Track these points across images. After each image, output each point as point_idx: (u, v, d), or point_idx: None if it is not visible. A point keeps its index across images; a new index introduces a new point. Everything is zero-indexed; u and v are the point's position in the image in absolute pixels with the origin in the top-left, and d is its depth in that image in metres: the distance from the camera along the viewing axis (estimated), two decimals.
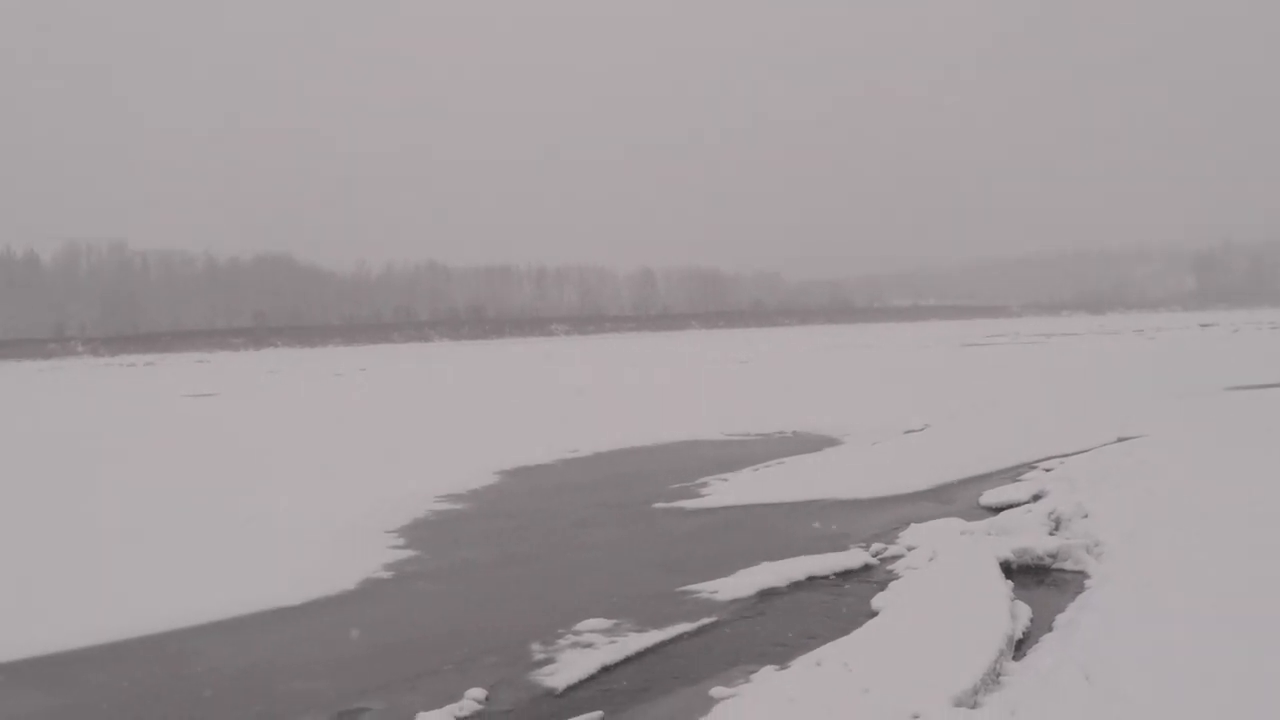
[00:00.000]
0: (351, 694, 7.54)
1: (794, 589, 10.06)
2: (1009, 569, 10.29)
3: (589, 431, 23.40)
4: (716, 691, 7.24)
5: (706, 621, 9.01)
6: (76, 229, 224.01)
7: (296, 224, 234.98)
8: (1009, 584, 9.51)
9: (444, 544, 12.57)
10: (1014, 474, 16.32)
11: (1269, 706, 6.13)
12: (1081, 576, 10.08)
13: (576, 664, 7.93)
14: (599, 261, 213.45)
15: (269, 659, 8.55)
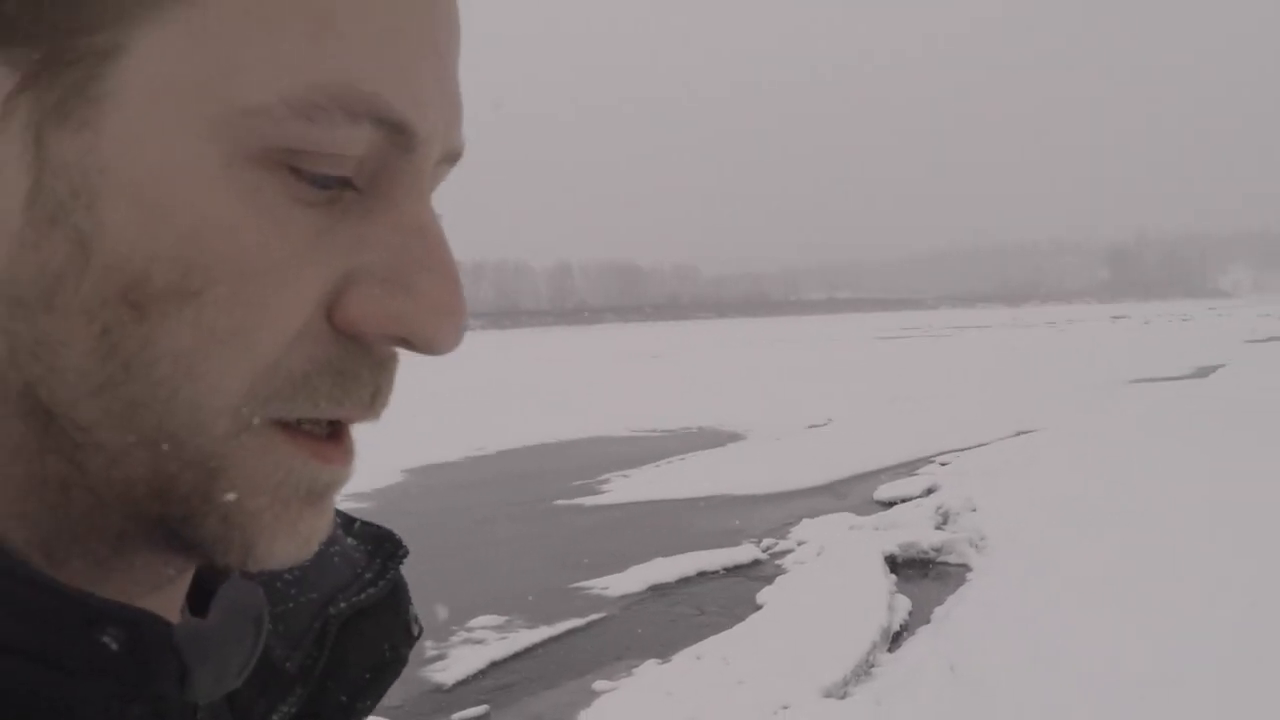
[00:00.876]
0: None
1: (684, 584, 10.29)
2: (894, 563, 10.59)
3: (497, 429, 23.45)
4: (599, 685, 7.45)
5: (596, 617, 9.22)
6: None
7: None
8: (892, 578, 9.82)
9: None
10: (912, 468, 16.68)
11: (1120, 698, 6.43)
12: (964, 570, 10.41)
13: (466, 660, 8.10)
14: (516, 256, 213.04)
15: None
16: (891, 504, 13.74)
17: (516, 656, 8.29)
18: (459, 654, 8.26)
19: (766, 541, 11.72)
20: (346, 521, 0.79)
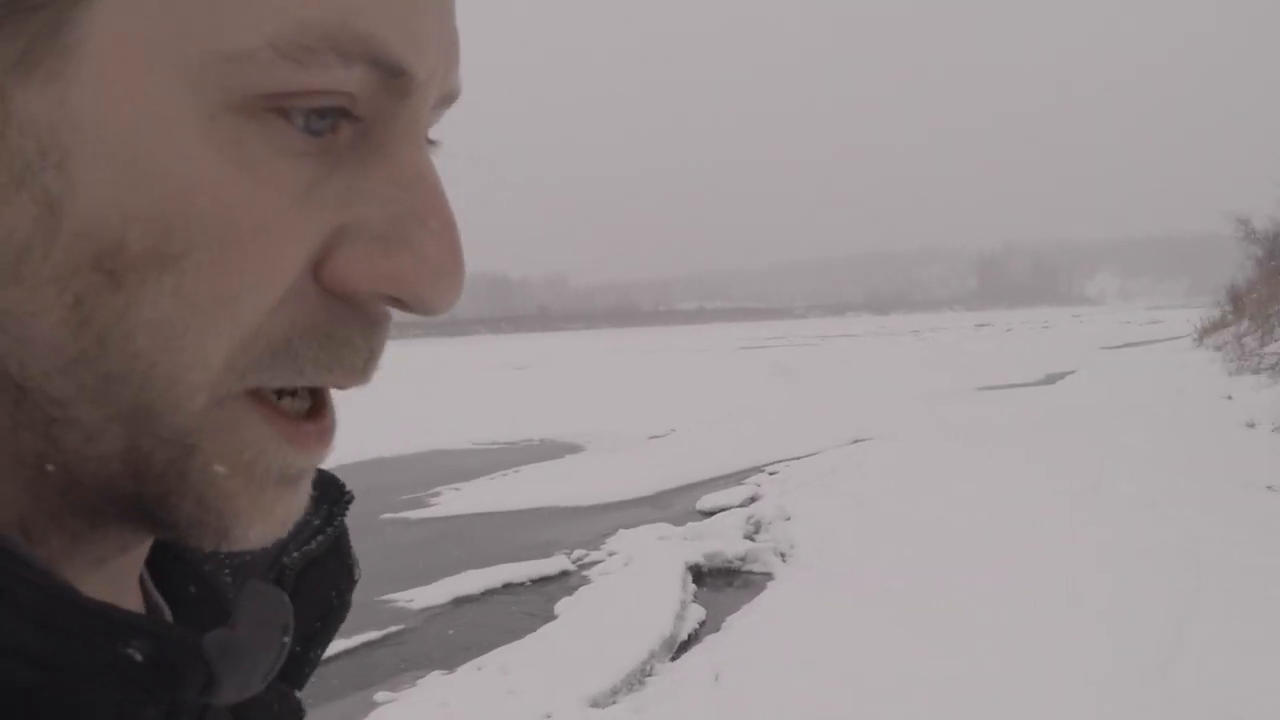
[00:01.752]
0: None
1: (488, 595, 10.39)
2: (700, 573, 10.80)
3: (335, 444, 23.14)
4: (381, 696, 7.52)
5: (394, 629, 9.26)
6: None
7: None
8: (692, 587, 10.03)
9: None
10: (741, 478, 16.85)
11: (880, 701, 6.65)
12: (767, 579, 10.65)
13: None
14: None
15: None
16: (712, 514, 13.89)
17: None
18: None
19: (578, 553, 11.86)
20: None
